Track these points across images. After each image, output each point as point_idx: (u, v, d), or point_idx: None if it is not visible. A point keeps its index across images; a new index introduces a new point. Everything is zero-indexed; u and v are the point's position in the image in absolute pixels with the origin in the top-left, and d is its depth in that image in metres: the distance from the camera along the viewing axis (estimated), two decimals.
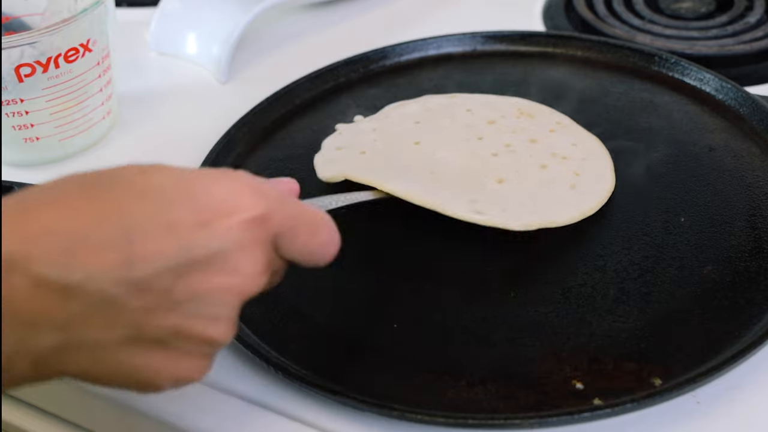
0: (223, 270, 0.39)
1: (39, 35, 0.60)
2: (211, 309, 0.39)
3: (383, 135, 0.63)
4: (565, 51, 0.72)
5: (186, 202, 0.38)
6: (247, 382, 0.50)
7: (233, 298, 0.40)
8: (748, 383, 0.47)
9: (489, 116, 0.63)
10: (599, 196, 0.57)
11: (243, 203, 0.39)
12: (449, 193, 0.56)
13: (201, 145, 0.64)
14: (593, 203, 0.56)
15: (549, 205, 0.56)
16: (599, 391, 0.46)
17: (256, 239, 0.40)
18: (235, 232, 0.39)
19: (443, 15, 0.83)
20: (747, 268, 0.52)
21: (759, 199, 0.57)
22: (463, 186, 0.57)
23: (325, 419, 0.47)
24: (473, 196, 0.56)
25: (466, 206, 0.55)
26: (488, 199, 0.55)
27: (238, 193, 0.40)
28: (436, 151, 0.60)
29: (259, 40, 0.80)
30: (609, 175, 0.59)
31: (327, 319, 0.52)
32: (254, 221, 0.39)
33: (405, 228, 0.57)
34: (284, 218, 0.41)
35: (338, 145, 0.63)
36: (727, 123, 0.63)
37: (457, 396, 0.47)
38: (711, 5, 0.81)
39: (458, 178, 0.58)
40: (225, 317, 0.40)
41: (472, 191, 0.56)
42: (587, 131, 0.62)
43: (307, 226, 0.43)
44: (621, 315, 0.50)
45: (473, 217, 0.54)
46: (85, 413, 0.53)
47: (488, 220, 0.54)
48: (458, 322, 0.51)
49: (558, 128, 0.62)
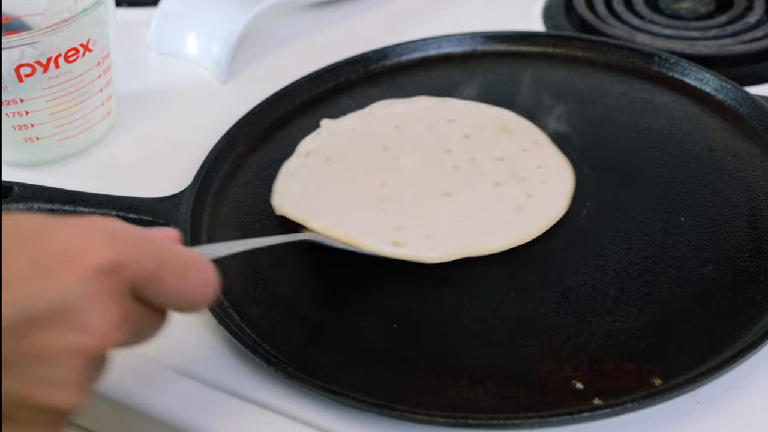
0: (68, 326, 0.34)
1: (39, 35, 0.60)
2: (54, 372, 0.34)
3: (358, 137, 0.63)
4: (565, 51, 0.72)
5: (22, 251, 0.34)
6: (247, 382, 0.50)
7: (80, 359, 0.35)
8: (748, 383, 0.48)
9: (467, 129, 0.63)
10: (539, 224, 0.56)
11: (89, 249, 0.35)
12: (374, 223, 0.55)
13: (201, 145, 0.64)
14: (528, 232, 0.55)
15: (479, 230, 0.55)
16: (599, 391, 0.46)
17: (106, 289, 0.35)
18: (79, 282, 0.34)
19: (443, 15, 0.83)
20: (747, 268, 0.52)
21: (759, 199, 0.57)
22: (400, 204, 0.57)
23: (325, 419, 0.47)
24: (401, 222, 0.55)
25: (386, 236, 0.54)
26: (415, 225, 0.55)
27: (84, 238, 0.35)
28: (400, 158, 0.61)
29: (259, 40, 0.80)
30: (562, 202, 0.57)
31: (327, 319, 0.52)
32: (103, 269, 0.35)
33: None
34: (144, 263, 0.37)
35: (309, 149, 0.63)
36: (727, 123, 0.64)
37: (457, 396, 0.47)
38: (711, 5, 0.81)
39: (406, 189, 0.58)
40: (72, 381, 0.35)
41: (405, 214, 0.56)
42: (561, 154, 0.61)
43: (174, 269, 0.38)
44: (621, 315, 0.50)
45: (389, 251, 0.54)
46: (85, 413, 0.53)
47: (402, 254, 0.54)
48: (458, 322, 0.51)
49: (532, 148, 0.62)
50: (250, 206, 0.61)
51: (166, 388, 0.50)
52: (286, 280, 0.55)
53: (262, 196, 0.61)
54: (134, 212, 0.57)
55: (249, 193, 0.62)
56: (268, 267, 0.56)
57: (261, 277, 0.55)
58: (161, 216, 0.57)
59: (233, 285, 0.55)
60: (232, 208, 0.61)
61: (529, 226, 0.56)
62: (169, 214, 0.57)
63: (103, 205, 0.57)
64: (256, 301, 0.54)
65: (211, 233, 0.58)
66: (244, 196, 0.62)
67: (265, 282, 0.55)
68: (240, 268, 0.56)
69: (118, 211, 0.57)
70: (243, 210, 0.60)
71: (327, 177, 0.60)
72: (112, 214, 0.57)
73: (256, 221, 0.59)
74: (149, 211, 0.57)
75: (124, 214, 0.57)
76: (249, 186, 0.62)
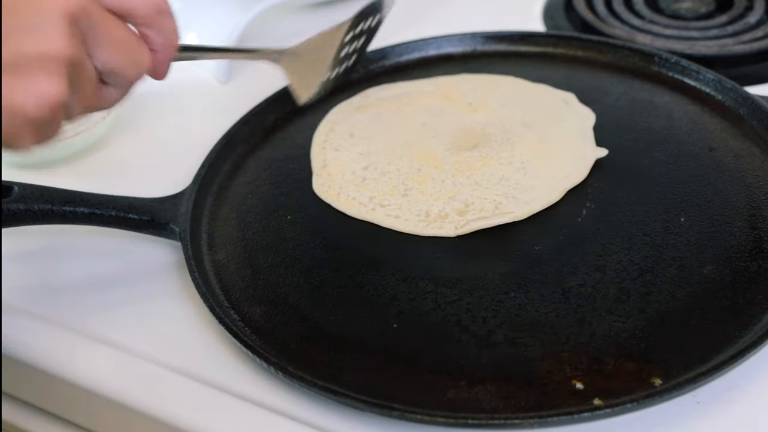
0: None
1: None
2: (36, 24, 0.41)
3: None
4: (565, 51, 0.72)
5: None
6: (247, 382, 0.50)
7: (58, 11, 0.41)
8: (747, 383, 0.48)
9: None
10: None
11: None
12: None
13: (201, 145, 0.64)
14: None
15: None
16: (599, 391, 0.46)
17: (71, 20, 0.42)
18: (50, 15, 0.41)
19: (443, 15, 0.83)
20: (747, 268, 0.53)
21: (759, 199, 0.57)
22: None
23: (325, 419, 0.47)
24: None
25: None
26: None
27: None
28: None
29: (259, 40, 0.80)
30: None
31: (327, 319, 0.52)
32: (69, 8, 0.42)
33: None
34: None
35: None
36: (727, 123, 0.64)
37: (457, 396, 0.47)
38: (711, 5, 0.81)
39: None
40: (53, 31, 0.41)
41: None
42: None
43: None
44: (621, 315, 0.50)
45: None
46: (85, 413, 0.53)
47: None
48: (458, 322, 0.51)
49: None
50: (250, 206, 0.61)
51: (166, 388, 0.50)
52: (286, 280, 0.55)
53: (262, 195, 0.61)
54: (134, 212, 0.57)
55: (249, 193, 0.62)
56: (268, 267, 0.56)
57: (261, 277, 0.55)
58: (161, 216, 0.57)
59: (233, 285, 0.55)
60: (232, 207, 0.61)
61: None
62: (169, 214, 0.57)
63: (103, 205, 0.57)
64: (256, 301, 0.54)
65: (211, 233, 0.59)
66: (244, 195, 0.62)
67: (265, 282, 0.55)
68: (240, 268, 0.56)
69: (118, 211, 0.57)
70: (243, 210, 0.60)
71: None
72: (112, 215, 0.57)
73: (257, 221, 0.59)
74: (149, 211, 0.57)
75: (124, 214, 0.57)
76: (249, 186, 0.62)
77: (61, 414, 0.55)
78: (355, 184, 0.60)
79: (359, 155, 0.63)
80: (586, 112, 0.65)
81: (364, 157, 0.62)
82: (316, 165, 0.63)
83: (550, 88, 0.68)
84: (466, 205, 0.57)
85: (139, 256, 0.59)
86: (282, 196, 0.61)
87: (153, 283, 0.57)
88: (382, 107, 0.67)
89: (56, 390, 0.53)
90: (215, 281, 0.55)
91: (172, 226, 0.57)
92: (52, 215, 0.57)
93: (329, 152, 0.63)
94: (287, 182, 0.63)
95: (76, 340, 0.53)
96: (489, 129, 0.64)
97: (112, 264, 0.59)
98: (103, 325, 0.54)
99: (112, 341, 0.53)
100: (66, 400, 0.53)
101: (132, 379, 0.51)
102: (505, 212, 0.57)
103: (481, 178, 0.59)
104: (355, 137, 0.64)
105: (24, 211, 0.56)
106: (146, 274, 0.58)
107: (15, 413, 0.56)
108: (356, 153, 0.63)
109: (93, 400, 0.51)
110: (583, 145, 0.62)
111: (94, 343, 0.53)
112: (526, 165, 0.60)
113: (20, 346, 0.53)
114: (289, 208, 0.60)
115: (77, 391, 0.51)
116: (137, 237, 0.59)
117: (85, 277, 0.58)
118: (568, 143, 0.62)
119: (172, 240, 0.57)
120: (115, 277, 0.58)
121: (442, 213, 0.57)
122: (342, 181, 0.61)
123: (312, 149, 0.64)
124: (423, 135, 0.64)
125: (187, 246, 0.55)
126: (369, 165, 0.62)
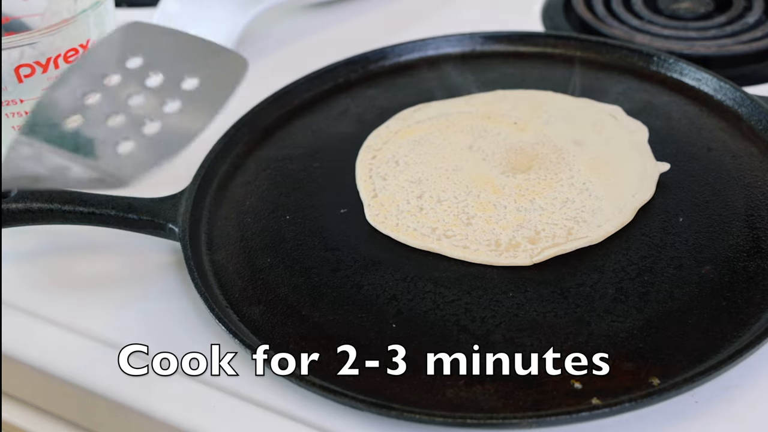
0: None
1: (39, 36, 0.60)
2: None
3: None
4: (565, 51, 0.72)
5: None
6: (247, 382, 0.50)
7: None
8: (746, 383, 0.48)
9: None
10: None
11: None
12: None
13: (201, 145, 0.64)
14: None
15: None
16: (597, 390, 0.46)
17: None
18: None
19: (443, 15, 0.84)
20: (745, 268, 0.53)
21: (757, 199, 0.57)
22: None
23: (325, 419, 0.47)
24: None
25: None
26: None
27: None
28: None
29: (259, 40, 0.81)
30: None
31: (326, 318, 0.52)
32: None
33: None
34: None
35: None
36: (726, 123, 0.64)
37: (456, 395, 0.47)
38: (710, 5, 0.81)
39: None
40: None
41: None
42: None
43: None
44: (619, 315, 0.50)
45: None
46: (85, 413, 0.53)
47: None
48: (457, 322, 0.51)
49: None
50: (249, 206, 0.61)
51: (166, 388, 0.50)
52: (285, 280, 0.55)
53: (262, 196, 0.61)
54: (134, 212, 0.57)
55: (248, 193, 0.62)
56: (267, 267, 0.56)
57: (260, 277, 0.55)
58: (161, 216, 0.57)
59: (232, 285, 0.55)
60: (231, 207, 0.61)
61: None
62: (169, 214, 0.58)
63: (103, 205, 0.57)
64: (255, 301, 0.54)
65: (210, 233, 0.59)
66: (244, 196, 0.62)
67: (264, 282, 0.55)
68: (239, 268, 0.56)
69: (117, 211, 0.57)
70: (242, 210, 0.61)
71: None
72: (112, 214, 0.57)
73: (256, 221, 0.59)
74: (149, 211, 0.57)
75: (123, 214, 0.57)
76: (248, 186, 0.63)
77: (61, 414, 0.55)
78: (413, 214, 0.58)
79: (409, 183, 0.60)
80: (636, 125, 0.63)
81: (415, 185, 0.60)
82: (366, 195, 0.60)
83: (592, 101, 0.66)
84: (537, 232, 0.55)
85: (139, 256, 0.59)
86: (281, 197, 0.61)
87: (152, 283, 0.57)
88: (422, 130, 0.65)
89: (56, 390, 0.53)
90: (214, 281, 0.55)
91: (172, 226, 0.57)
92: (52, 215, 0.57)
93: (377, 181, 0.61)
94: (286, 182, 0.63)
95: (76, 340, 0.53)
96: (540, 149, 0.61)
97: (112, 264, 0.59)
98: (102, 324, 0.54)
99: (112, 341, 0.53)
100: (66, 400, 0.53)
101: (132, 379, 0.51)
102: (579, 237, 0.55)
103: (545, 202, 0.57)
104: (400, 164, 0.62)
105: (24, 211, 0.56)
106: (145, 274, 0.58)
107: (15, 413, 0.56)
108: (405, 181, 0.60)
109: (93, 400, 0.51)
110: (642, 161, 0.60)
111: (94, 342, 0.53)
112: (588, 186, 0.58)
113: (20, 346, 0.53)
114: (289, 209, 0.60)
115: (77, 391, 0.52)
116: (136, 237, 0.59)
117: (85, 277, 0.58)
118: (626, 159, 0.60)
119: (172, 240, 0.57)
120: (114, 276, 0.58)
121: (513, 242, 0.55)
122: (397, 211, 0.58)
123: (357, 179, 0.62)
124: (473, 158, 0.61)
125: (186, 246, 0.55)
126: (423, 193, 0.59)
